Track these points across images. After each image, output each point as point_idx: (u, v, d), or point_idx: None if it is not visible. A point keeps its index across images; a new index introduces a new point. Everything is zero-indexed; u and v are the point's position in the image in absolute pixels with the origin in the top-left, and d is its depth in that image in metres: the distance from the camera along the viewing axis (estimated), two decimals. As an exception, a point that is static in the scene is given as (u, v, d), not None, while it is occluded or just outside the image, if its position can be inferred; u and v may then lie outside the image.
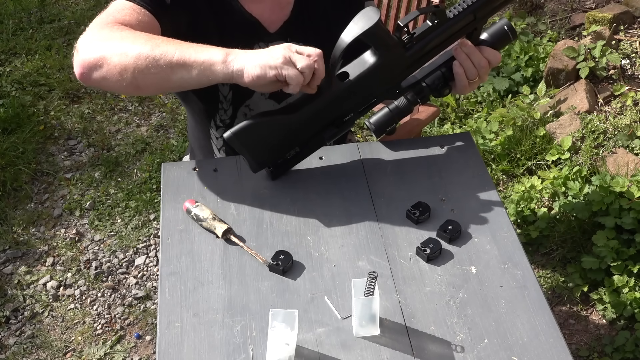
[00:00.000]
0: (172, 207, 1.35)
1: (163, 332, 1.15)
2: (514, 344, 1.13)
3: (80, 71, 1.26)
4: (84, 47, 1.27)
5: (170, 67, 1.22)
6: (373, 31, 1.23)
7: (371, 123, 1.40)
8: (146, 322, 2.30)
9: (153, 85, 1.27)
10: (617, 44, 2.93)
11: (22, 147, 2.90)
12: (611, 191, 2.31)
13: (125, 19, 1.30)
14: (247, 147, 1.31)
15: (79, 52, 1.27)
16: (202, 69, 1.22)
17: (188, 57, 1.22)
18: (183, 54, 1.22)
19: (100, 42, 1.26)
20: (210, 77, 1.23)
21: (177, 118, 3.09)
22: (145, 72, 1.23)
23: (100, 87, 1.30)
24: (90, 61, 1.25)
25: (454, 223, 1.29)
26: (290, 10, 1.49)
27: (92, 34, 1.28)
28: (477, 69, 1.36)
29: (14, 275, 2.44)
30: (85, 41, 1.28)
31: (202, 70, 1.22)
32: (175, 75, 1.23)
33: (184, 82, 1.25)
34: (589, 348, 2.16)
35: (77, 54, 1.28)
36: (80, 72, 1.27)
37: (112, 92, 1.29)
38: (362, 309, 1.11)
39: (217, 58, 1.22)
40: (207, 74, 1.23)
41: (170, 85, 1.27)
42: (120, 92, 1.32)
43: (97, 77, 1.26)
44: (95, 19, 1.32)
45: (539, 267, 2.39)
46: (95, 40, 1.27)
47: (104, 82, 1.27)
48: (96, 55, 1.25)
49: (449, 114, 3.00)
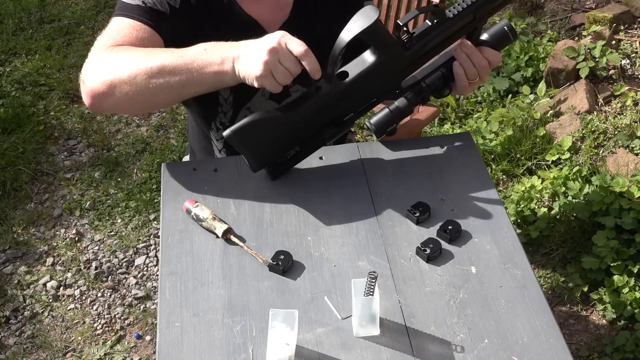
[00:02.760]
0: (172, 207, 1.35)
1: (163, 332, 1.15)
2: (514, 344, 1.13)
3: (91, 102, 1.25)
4: (90, 76, 1.25)
5: (181, 85, 1.23)
6: (372, 29, 1.23)
7: (372, 124, 1.40)
8: (146, 322, 2.30)
9: (165, 104, 1.30)
10: (617, 44, 2.93)
11: (22, 147, 2.90)
12: (611, 191, 2.31)
13: (124, 40, 1.29)
14: (247, 146, 1.31)
15: (85, 83, 1.26)
16: (211, 82, 1.23)
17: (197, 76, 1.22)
18: (191, 74, 1.22)
19: (106, 69, 1.24)
20: (223, 85, 1.26)
21: (177, 118, 3.09)
22: (158, 94, 1.24)
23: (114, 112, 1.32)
24: (99, 91, 1.24)
25: (454, 223, 1.29)
26: (290, 11, 1.49)
27: (95, 61, 1.26)
28: (478, 70, 1.35)
29: (14, 275, 2.44)
30: (90, 70, 1.26)
31: (214, 80, 1.23)
32: (187, 91, 1.25)
33: (197, 94, 1.27)
34: (589, 348, 2.16)
35: (83, 84, 1.26)
36: (91, 103, 1.25)
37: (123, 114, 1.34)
38: (362, 309, 1.11)
39: (226, 67, 1.21)
40: (217, 85, 1.25)
41: (183, 98, 1.30)
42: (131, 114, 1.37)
43: (108, 105, 1.26)
44: (96, 42, 1.30)
45: (539, 267, 2.39)
46: (101, 68, 1.25)
47: (116, 109, 1.29)
48: (105, 83, 1.23)
49: (449, 114, 3.00)
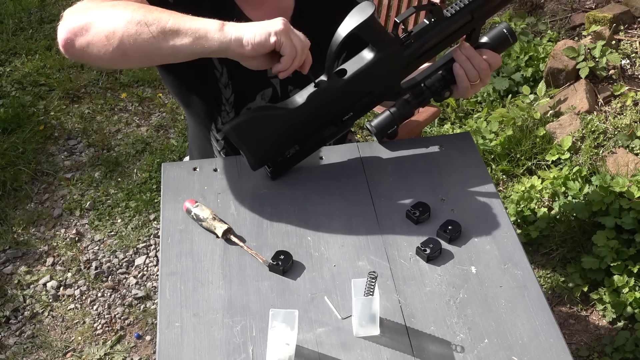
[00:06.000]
0: (172, 207, 1.35)
1: (163, 332, 1.15)
2: (514, 344, 1.12)
3: (65, 36, 1.19)
4: (71, 14, 1.22)
5: (162, 33, 1.17)
6: (368, 24, 1.22)
7: (372, 126, 1.40)
8: (146, 322, 2.30)
9: (142, 53, 1.19)
10: (617, 44, 2.93)
11: (22, 147, 2.90)
12: (611, 191, 2.31)
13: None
14: (246, 142, 1.31)
15: (64, 19, 1.22)
16: (196, 37, 1.16)
17: (182, 24, 1.17)
18: (177, 21, 1.17)
19: (88, 9, 1.21)
20: (205, 45, 1.17)
21: (177, 118, 3.09)
22: (135, 37, 1.17)
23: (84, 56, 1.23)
24: (76, 26, 1.19)
25: (454, 223, 1.29)
26: (290, 16, 1.48)
27: (80, 3, 1.23)
28: (478, 71, 1.35)
29: (14, 275, 2.44)
30: (73, 9, 1.22)
31: (196, 38, 1.16)
32: (167, 43, 1.17)
33: (176, 50, 1.18)
34: (589, 348, 2.16)
35: (62, 21, 1.22)
36: (65, 38, 1.19)
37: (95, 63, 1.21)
38: (362, 309, 1.11)
39: (213, 26, 1.17)
40: (201, 42, 1.17)
41: (161, 54, 1.20)
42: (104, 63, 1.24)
43: (82, 43, 1.19)
44: None
45: (539, 267, 2.39)
46: (84, 8, 1.21)
47: (88, 49, 1.20)
48: (83, 20, 1.19)
49: (449, 114, 3.00)
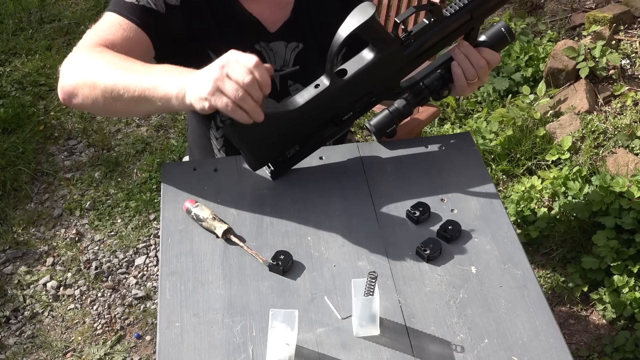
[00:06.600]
0: (172, 207, 1.35)
1: (163, 332, 1.15)
2: (514, 344, 1.12)
3: (62, 97, 1.33)
4: (65, 73, 1.33)
5: (133, 101, 1.25)
6: (369, 25, 1.22)
7: (371, 125, 1.40)
8: (146, 322, 2.30)
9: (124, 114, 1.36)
10: (617, 44, 2.93)
11: (22, 147, 2.90)
12: (611, 191, 2.31)
13: (108, 38, 1.33)
14: (246, 142, 1.31)
15: (60, 78, 1.33)
16: (162, 103, 1.24)
17: (147, 93, 1.23)
18: (143, 90, 1.23)
19: (77, 70, 1.31)
20: (172, 109, 1.27)
21: (177, 118, 3.09)
22: (113, 104, 1.27)
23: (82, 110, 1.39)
24: (67, 89, 1.31)
25: (454, 223, 1.29)
26: (291, 10, 1.49)
27: (74, 59, 1.33)
28: (476, 70, 1.35)
29: (14, 275, 2.44)
30: (67, 66, 1.33)
31: (163, 103, 1.24)
32: (140, 107, 1.27)
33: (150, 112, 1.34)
34: (589, 348, 2.16)
35: (60, 78, 1.33)
36: (62, 98, 1.33)
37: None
38: (362, 309, 1.11)
39: (172, 92, 1.21)
40: (167, 107, 1.25)
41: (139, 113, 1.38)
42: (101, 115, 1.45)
43: (76, 104, 1.32)
44: (84, 36, 1.36)
45: (539, 267, 2.39)
46: (75, 67, 1.31)
47: (83, 108, 1.35)
48: (72, 84, 1.30)
49: (449, 114, 3.00)
